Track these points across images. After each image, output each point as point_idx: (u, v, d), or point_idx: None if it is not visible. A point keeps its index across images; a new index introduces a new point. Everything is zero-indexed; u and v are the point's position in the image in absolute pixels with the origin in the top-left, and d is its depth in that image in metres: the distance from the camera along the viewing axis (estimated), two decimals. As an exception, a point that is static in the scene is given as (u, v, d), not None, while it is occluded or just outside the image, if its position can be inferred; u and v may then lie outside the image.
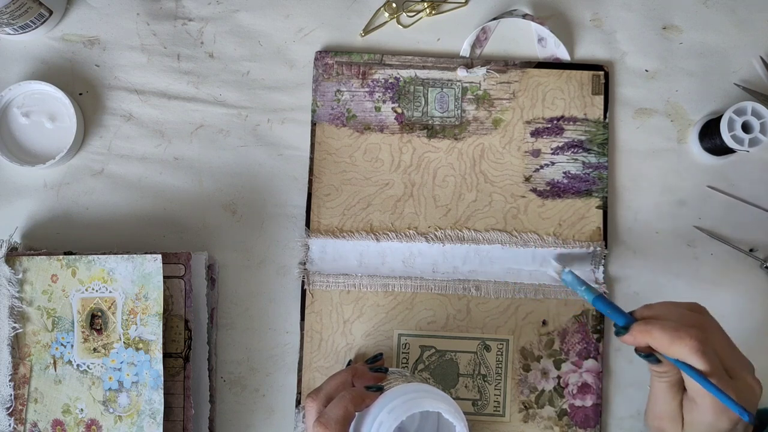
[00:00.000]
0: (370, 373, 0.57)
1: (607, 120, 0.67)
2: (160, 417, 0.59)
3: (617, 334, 0.51)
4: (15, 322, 0.61)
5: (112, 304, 0.61)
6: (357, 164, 0.67)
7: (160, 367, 0.60)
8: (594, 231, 0.66)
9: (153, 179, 0.67)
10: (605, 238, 0.66)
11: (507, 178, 0.66)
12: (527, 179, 0.67)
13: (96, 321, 0.61)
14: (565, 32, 0.68)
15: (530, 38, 0.68)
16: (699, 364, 0.47)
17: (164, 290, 0.60)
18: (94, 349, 0.61)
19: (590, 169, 0.67)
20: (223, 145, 0.67)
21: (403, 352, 0.65)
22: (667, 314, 0.50)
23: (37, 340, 0.61)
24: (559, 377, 0.65)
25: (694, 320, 0.49)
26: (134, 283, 0.61)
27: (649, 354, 0.50)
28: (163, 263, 0.60)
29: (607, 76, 0.67)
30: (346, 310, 0.65)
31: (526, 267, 0.66)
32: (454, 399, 0.55)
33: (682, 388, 0.50)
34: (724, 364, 0.48)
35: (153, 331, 0.60)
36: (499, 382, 0.65)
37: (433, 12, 0.68)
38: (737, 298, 0.66)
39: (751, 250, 0.66)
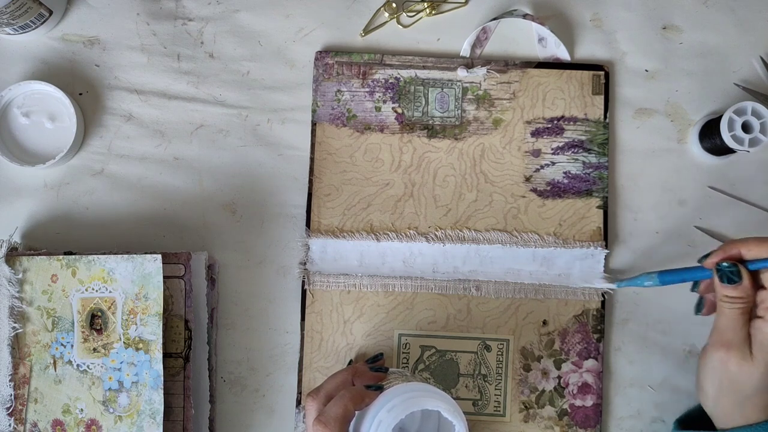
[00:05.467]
0: (371, 373, 0.57)
1: (607, 120, 0.67)
2: (160, 417, 0.59)
3: (695, 275, 0.57)
4: (15, 322, 0.61)
5: (112, 304, 0.61)
6: (357, 164, 0.67)
7: (160, 367, 0.60)
8: (594, 231, 0.66)
9: (153, 179, 0.67)
10: (605, 238, 0.66)
11: (507, 178, 0.66)
12: (527, 179, 0.67)
13: (96, 321, 0.61)
14: (565, 32, 0.68)
15: (530, 38, 0.68)
16: None
17: (164, 290, 0.60)
18: (94, 349, 0.61)
19: (590, 169, 0.67)
20: (223, 145, 0.67)
21: (403, 352, 0.65)
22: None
23: (37, 340, 0.61)
24: (559, 377, 0.65)
25: None
26: (134, 283, 0.60)
27: (729, 270, 0.54)
28: (163, 263, 0.60)
29: (607, 76, 0.67)
30: (347, 310, 0.65)
31: (526, 267, 0.66)
32: (454, 399, 0.55)
33: (750, 317, 0.54)
34: None
35: (153, 331, 0.60)
36: (500, 382, 0.65)
37: (433, 12, 0.68)
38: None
39: (751, 250, 0.66)
